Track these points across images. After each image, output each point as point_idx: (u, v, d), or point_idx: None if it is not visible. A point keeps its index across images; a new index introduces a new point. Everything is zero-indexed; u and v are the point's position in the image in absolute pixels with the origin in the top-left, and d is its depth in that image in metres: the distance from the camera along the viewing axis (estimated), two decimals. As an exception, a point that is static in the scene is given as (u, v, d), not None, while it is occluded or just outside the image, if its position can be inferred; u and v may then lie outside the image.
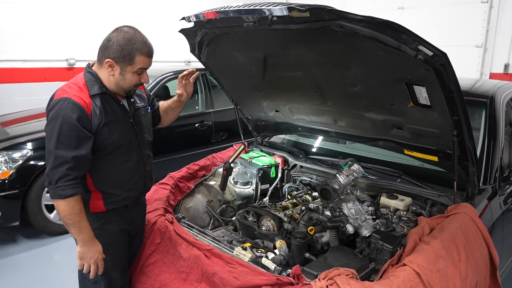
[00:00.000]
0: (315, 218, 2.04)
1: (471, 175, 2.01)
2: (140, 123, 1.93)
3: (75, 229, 1.70)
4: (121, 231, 1.91)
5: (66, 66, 6.09)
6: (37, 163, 3.57)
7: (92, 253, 1.75)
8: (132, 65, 1.69)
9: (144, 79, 1.78)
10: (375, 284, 1.50)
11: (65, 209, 1.65)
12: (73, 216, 1.66)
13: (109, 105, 1.75)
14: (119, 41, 1.66)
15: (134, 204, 1.95)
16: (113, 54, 1.67)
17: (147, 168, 1.96)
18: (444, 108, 1.77)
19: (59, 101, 1.64)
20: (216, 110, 5.08)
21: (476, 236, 1.83)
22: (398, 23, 1.48)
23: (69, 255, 3.55)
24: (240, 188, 2.70)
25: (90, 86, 1.70)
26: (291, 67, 2.21)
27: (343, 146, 3.04)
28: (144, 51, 1.69)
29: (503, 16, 5.82)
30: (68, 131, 1.60)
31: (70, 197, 1.63)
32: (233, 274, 1.69)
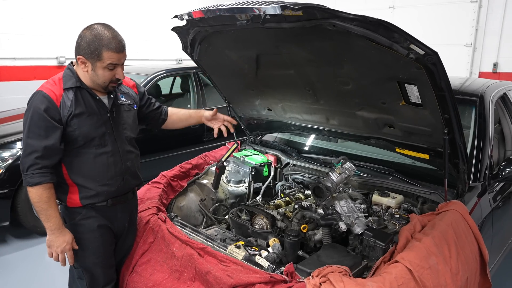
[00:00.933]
0: (308, 216, 2.05)
1: (461, 173, 2.04)
2: (120, 118, 1.94)
3: (43, 217, 1.76)
4: (100, 227, 1.91)
5: (56, 64, 6.02)
6: (27, 162, 3.52)
7: (59, 242, 1.79)
8: (101, 60, 1.72)
9: (119, 75, 1.80)
10: (367, 281, 1.51)
11: (33, 196, 1.73)
12: (40, 204, 1.73)
13: (83, 99, 1.79)
14: (87, 38, 1.71)
15: (116, 201, 1.94)
16: (83, 51, 1.72)
17: (126, 163, 1.96)
18: (435, 106, 1.79)
19: (33, 94, 1.75)
20: (208, 108, 5.04)
21: (467, 233, 1.86)
22: (390, 22, 1.49)
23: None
24: (233, 186, 2.70)
25: (65, 81, 1.78)
26: (283, 66, 2.22)
27: (335, 144, 3.06)
28: (111, 46, 1.71)
29: (492, 15, 5.89)
30: (37, 121, 1.69)
31: (38, 185, 1.70)
32: (227, 273, 1.70)
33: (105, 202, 1.90)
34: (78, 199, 1.85)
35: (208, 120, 2.30)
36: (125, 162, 1.96)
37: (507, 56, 5.93)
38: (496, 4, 5.88)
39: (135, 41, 6.48)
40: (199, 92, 5.05)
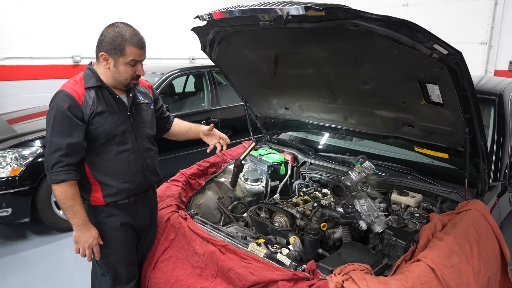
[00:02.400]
0: (327, 214, 2.07)
1: (481, 172, 2.04)
2: (139, 116, 1.98)
3: (69, 213, 1.80)
4: (123, 225, 1.95)
5: (71, 63, 6.11)
6: (46, 160, 3.59)
7: (86, 238, 1.83)
8: (124, 56, 1.77)
9: (139, 71, 1.85)
10: (390, 279, 1.53)
11: (59, 194, 1.76)
12: (66, 201, 1.76)
13: (104, 98, 1.84)
14: (110, 34, 1.76)
15: (137, 199, 1.98)
16: (106, 47, 1.76)
17: (146, 160, 1.99)
18: (456, 106, 1.79)
19: (56, 94, 1.79)
20: (222, 107, 5.09)
21: (488, 232, 1.86)
22: (414, 22, 1.50)
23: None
24: (251, 185, 2.73)
25: (86, 80, 1.82)
26: (302, 65, 2.23)
27: (350, 143, 3.07)
28: (134, 42, 1.77)
29: (508, 13, 5.81)
30: (61, 120, 1.73)
31: (63, 183, 1.74)
32: (249, 270, 1.72)
33: (127, 199, 1.94)
34: (102, 197, 1.89)
35: (204, 135, 2.28)
36: (146, 159, 1.99)
37: (523, 54, 5.86)
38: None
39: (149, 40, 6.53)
40: (213, 91, 5.08)
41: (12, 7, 5.55)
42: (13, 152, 3.51)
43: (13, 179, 3.43)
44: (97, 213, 1.92)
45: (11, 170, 3.44)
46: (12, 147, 3.55)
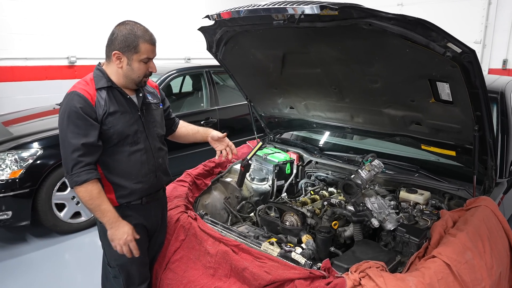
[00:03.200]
0: (338, 213, 2.08)
1: (489, 169, 2.06)
2: (149, 116, 1.98)
3: (98, 213, 1.77)
4: (136, 226, 1.93)
5: (67, 64, 6.04)
6: (47, 162, 3.55)
7: (120, 235, 1.80)
8: (138, 53, 1.76)
9: (152, 68, 1.85)
10: (407, 276, 1.54)
11: (84, 195, 1.74)
12: (92, 201, 1.74)
13: (115, 98, 1.84)
14: (122, 32, 1.75)
15: (149, 199, 1.97)
16: (119, 46, 1.76)
17: (158, 160, 1.99)
18: (467, 103, 1.81)
19: (67, 95, 1.77)
20: (221, 107, 5.09)
21: (498, 228, 1.88)
22: (429, 21, 1.51)
23: (79, 254, 3.56)
24: (257, 184, 2.73)
25: (97, 81, 1.81)
26: (310, 64, 2.24)
27: (354, 141, 3.09)
28: (147, 38, 1.77)
29: (502, 12, 5.90)
30: (75, 120, 1.71)
31: (86, 183, 1.72)
32: (264, 269, 1.72)
33: (139, 200, 1.93)
34: (115, 198, 1.88)
35: (214, 140, 2.26)
36: (157, 159, 1.99)
37: (516, 52, 5.95)
38: (506, 1, 5.89)
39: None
40: (211, 91, 5.07)
41: (7, 7, 5.48)
42: (13, 154, 3.46)
43: (13, 181, 3.38)
44: None
45: (11, 173, 3.39)
46: (11, 149, 3.50)
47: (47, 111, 4.68)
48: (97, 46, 6.29)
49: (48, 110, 4.71)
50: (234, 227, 2.20)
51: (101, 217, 1.77)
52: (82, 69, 6.17)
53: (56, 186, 3.64)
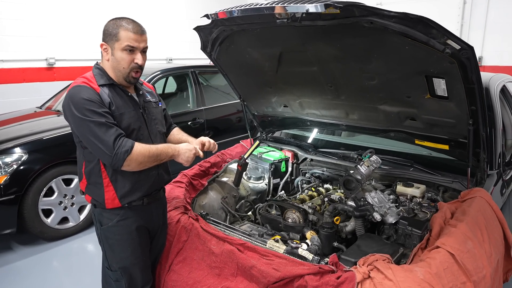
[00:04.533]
0: (339, 208, 2.11)
1: (481, 162, 2.14)
2: (151, 114, 1.97)
3: (163, 157, 1.84)
4: (139, 228, 1.92)
5: (45, 66, 5.86)
6: (32, 167, 3.44)
7: (187, 150, 1.89)
8: (118, 41, 1.74)
9: (138, 59, 1.79)
10: (414, 267, 1.58)
11: (139, 158, 1.73)
12: (151, 154, 1.77)
13: (118, 95, 1.82)
14: (108, 24, 1.78)
15: (150, 199, 1.95)
16: (103, 36, 1.77)
17: None
18: (462, 98, 1.88)
19: (71, 91, 1.73)
20: (208, 107, 5.06)
21: (493, 217, 1.96)
22: (430, 19, 1.56)
23: (68, 260, 3.47)
24: (254, 183, 2.74)
25: (98, 78, 1.79)
26: (307, 63, 2.26)
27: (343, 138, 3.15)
28: (129, 26, 1.75)
29: (476, 10, 6.12)
30: (90, 107, 1.68)
31: (133, 147, 1.70)
32: (272, 266, 1.73)
33: (141, 201, 1.91)
34: (117, 198, 1.84)
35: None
36: None
37: (490, 50, 6.17)
38: (479, 0, 6.11)
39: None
40: (197, 91, 5.04)
41: (-21, 8, 5.28)
42: (-4, 160, 3.34)
43: (-3, 187, 3.27)
44: (111, 216, 1.87)
45: (-5, 179, 3.27)
46: (-6, 154, 3.38)
47: (28, 114, 4.55)
48: (78, 46, 6.17)
49: (29, 113, 4.57)
50: (237, 226, 2.20)
51: (167, 157, 1.84)
52: (62, 71, 6.01)
53: (43, 191, 3.53)
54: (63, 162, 3.63)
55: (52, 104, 4.87)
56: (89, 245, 3.74)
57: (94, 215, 1.94)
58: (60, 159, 3.62)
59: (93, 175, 1.83)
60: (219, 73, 6.09)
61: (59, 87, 5.41)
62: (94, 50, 6.62)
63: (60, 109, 4.61)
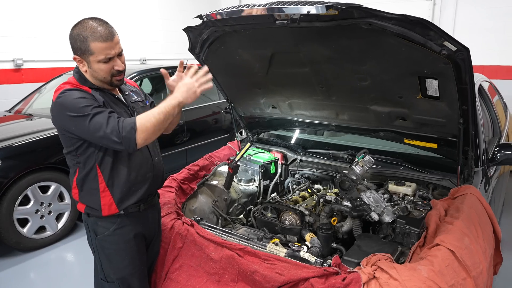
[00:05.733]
0: (336, 209, 2.12)
1: (469, 159, 2.21)
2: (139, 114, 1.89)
3: (171, 112, 1.62)
4: (136, 236, 1.86)
5: (12, 67, 5.57)
6: (6, 174, 3.26)
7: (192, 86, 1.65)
8: (93, 55, 1.64)
9: (118, 66, 1.71)
10: (417, 265, 1.60)
11: (148, 126, 1.58)
12: (158, 117, 1.59)
13: (105, 97, 1.75)
14: (72, 36, 1.65)
15: (146, 205, 1.90)
16: (74, 50, 1.67)
17: (155, 159, 1.92)
18: (454, 98, 1.93)
19: (61, 98, 1.63)
20: (187, 109, 4.97)
21: (483, 213, 2.02)
22: (429, 21, 1.58)
23: (46, 271, 3.31)
24: (244, 185, 2.71)
25: (82, 82, 1.72)
26: (299, 64, 2.25)
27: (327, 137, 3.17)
28: (96, 36, 1.61)
29: (445, 12, 6.35)
30: (85, 104, 1.59)
31: (137, 122, 1.57)
32: (275, 270, 1.71)
33: (137, 207, 1.84)
34: (114, 204, 1.77)
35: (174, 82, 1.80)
36: (154, 158, 1.92)
37: (459, 50, 6.39)
38: (448, 2, 6.33)
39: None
40: (176, 93, 4.94)
41: None
42: (-34, 168, 3.14)
43: (-32, 197, 3.07)
44: (107, 225, 1.80)
45: (-34, 188, 3.08)
46: (-37, 162, 3.17)
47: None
48: (47, 47, 5.90)
49: (-3, 117, 4.34)
50: (234, 230, 2.16)
51: (174, 108, 1.62)
52: (31, 73, 5.73)
53: (18, 200, 3.35)
54: (38, 168, 3.47)
55: (22, 108, 4.65)
56: (68, 255, 3.59)
57: (87, 225, 1.86)
58: (36, 166, 3.45)
59: (88, 181, 1.75)
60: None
61: (28, 89, 5.16)
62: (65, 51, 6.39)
63: (31, 113, 4.42)
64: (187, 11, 8.03)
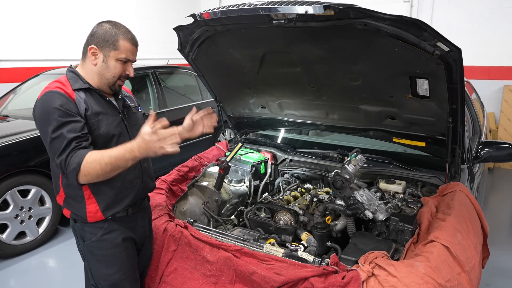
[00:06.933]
0: (330, 208, 2.13)
1: (456, 157, 2.27)
2: (131, 119, 1.87)
3: (121, 162, 1.54)
4: (125, 240, 1.80)
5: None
6: (-17, 178, 3.13)
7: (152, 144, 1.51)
8: (116, 50, 1.66)
9: (129, 71, 1.73)
10: (415, 262, 1.63)
11: (93, 172, 1.51)
12: (104, 164, 1.51)
13: (95, 99, 1.71)
14: (104, 27, 1.67)
15: (135, 209, 1.85)
16: (97, 40, 1.67)
17: (143, 165, 1.87)
18: (444, 98, 1.97)
19: (42, 97, 1.62)
20: (170, 109, 4.91)
21: (472, 209, 2.08)
22: (423, 22, 1.61)
23: (27, 279, 3.19)
24: (235, 186, 2.69)
25: (73, 82, 1.69)
26: (290, 64, 2.26)
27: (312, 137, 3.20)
28: (128, 36, 1.69)
29: (422, 14, 6.50)
30: (58, 118, 1.55)
31: (82, 162, 1.50)
32: (274, 271, 1.70)
33: (125, 211, 1.79)
34: (100, 211, 1.72)
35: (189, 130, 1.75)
36: (142, 163, 1.86)
37: (435, 51, 6.57)
38: (425, 4, 6.50)
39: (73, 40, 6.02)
40: (158, 93, 4.87)
41: None
42: None
43: None
44: (95, 230, 1.75)
45: None
46: None
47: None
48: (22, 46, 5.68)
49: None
50: (228, 231, 2.14)
51: (126, 162, 1.53)
52: (5, 73, 5.51)
53: (-4, 205, 3.23)
54: (18, 172, 3.34)
55: (-3, 109, 4.47)
56: (49, 261, 3.48)
57: (74, 230, 1.80)
58: (15, 169, 3.32)
59: (73, 187, 1.68)
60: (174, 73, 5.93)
61: (3, 89, 4.97)
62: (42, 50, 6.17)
63: (7, 114, 4.26)
64: (165, 9, 7.93)
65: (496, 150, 2.54)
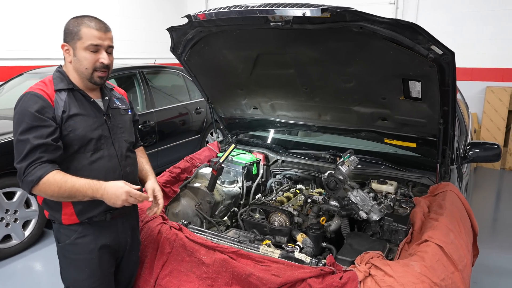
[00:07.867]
0: (324, 209, 2.14)
1: (446, 157, 2.31)
2: (117, 121, 1.82)
3: (79, 195, 1.56)
4: (101, 247, 1.73)
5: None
6: (-33, 181, 3.04)
7: (118, 194, 1.57)
8: (80, 40, 1.62)
9: (103, 58, 1.66)
10: (410, 261, 1.66)
11: (48, 191, 1.53)
12: (63, 190, 1.53)
13: (77, 101, 1.69)
14: (68, 22, 1.67)
15: (115, 214, 1.77)
16: (65, 36, 1.66)
17: (126, 169, 1.80)
18: (436, 100, 2.01)
19: (22, 97, 1.62)
20: (158, 109, 4.86)
21: (462, 209, 2.12)
22: (419, 25, 1.64)
23: (12, 283, 3.12)
24: (228, 187, 2.68)
25: (56, 82, 1.68)
26: (284, 65, 2.27)
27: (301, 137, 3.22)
28: (91, 24, 1.64)
29: (407, 16, 6.61)
30: (31, 122, 1.55)
31: (42, 179, 1.51)
32: (271, 272, 1.71)
33: (103, 216, 1.73)
34: (75, 214, 1.67)
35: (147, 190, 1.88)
36: (124, 168, 1.80)
37: (420, 52, 6.69)
38: (410, 6, 6.61)
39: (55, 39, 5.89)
40: (146, 93, 4.82)
41: None
42: None
43: None
44: (69, 233, 1.69)
45: None
46: None
47: None
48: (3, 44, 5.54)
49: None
50: (223, 233, 2.13)
51: (84, 196, 1.56)
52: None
53: (-20, 208, 3.14)
54: (2, 174, 3.25)
55: (-23, 110, 4.33)
56: (36, 265, 3.40)
57: (53, 231, 1.76)
58: (-1, 171, 3.24)
59: None
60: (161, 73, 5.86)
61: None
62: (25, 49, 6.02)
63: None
64: (150, 8, 7.84)
65: (483, 151, 2.59)
